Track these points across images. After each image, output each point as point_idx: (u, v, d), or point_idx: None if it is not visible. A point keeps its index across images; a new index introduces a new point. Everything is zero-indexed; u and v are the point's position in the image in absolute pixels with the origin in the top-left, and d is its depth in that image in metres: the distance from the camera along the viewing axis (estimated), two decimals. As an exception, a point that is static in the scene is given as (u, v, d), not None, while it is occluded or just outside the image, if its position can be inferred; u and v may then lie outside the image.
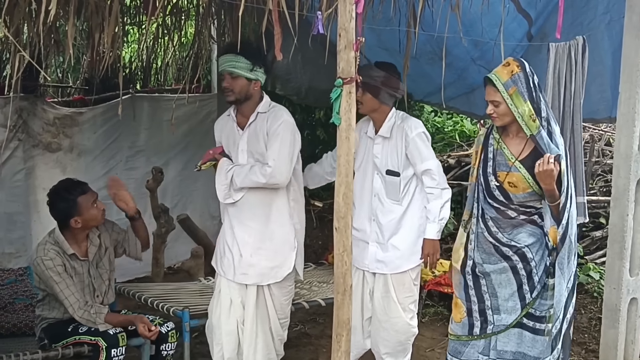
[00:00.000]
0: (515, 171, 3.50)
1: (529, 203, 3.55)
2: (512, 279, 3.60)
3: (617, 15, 4.28)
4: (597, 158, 7.42)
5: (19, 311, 4.60)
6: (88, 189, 3.97)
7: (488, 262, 3.64)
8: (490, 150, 3.61)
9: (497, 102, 3.47)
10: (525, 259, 3.57)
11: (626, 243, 3.90)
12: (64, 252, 3.86)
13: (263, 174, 3.76)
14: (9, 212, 5.95)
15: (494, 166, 3.58)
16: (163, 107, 6.53)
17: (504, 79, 3.43)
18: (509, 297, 3.61)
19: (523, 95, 3.40)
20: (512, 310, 3.62)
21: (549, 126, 3.45)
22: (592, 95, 4.59)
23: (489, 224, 3.62)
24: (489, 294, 3.66)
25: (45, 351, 3.77)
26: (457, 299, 3.78)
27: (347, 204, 3.09)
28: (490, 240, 3.63)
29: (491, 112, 3.51)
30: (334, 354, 3.15)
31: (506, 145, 3.56)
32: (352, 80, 3.01)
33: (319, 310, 5.33)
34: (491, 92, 3.49)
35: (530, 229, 3.57)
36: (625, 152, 3.86)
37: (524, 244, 3.56)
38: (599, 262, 5.99)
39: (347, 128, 3.05)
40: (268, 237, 3.90)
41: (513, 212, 3.57)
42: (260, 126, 3.86)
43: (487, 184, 3.61)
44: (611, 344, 3.96)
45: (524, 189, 3.51)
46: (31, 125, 5.95)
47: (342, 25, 2.96)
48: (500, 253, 3.61)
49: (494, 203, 3.59)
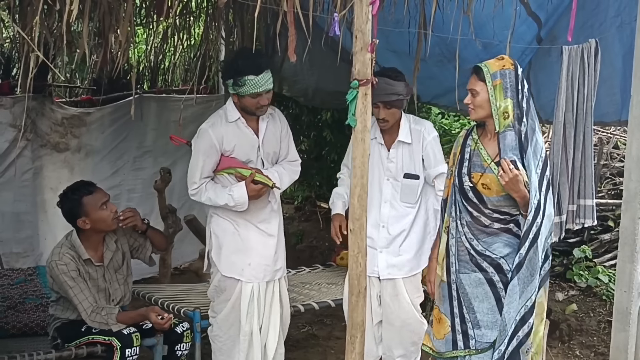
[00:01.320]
0: (489, 172, 3.37)
1: (503, 209, 3.38)
2: (489, 292, 3.40)
3: (628, 18, 4.27)
4: (606, 161, 7.42)
5: (29, 311, 4.60)
6: (95, 190, 3.92)
7: (463, 271, 3.45)
8: (468, 150, 3.49)
9: (476, 92, 3.36)
10: (501, 271, 3.38)
11: (637, 246, 3.86)
12: (79, 257, 3.84)
13: (295, 172, 4.09)
14: (17, 211, 5.97)
15: (469, 167, 3.46)
16: (170, 107, 6.54)
17: (493, 69, 3.32)
18: (487, 311, 3.41)
19: (506, 91, 3.29)
20: (492, 325, 3.39)
21: (526, 134, 3.31)
22: (602, 98, 4.57)
23: (465, 230, 3.45)
24: (465, 307, 3.46)
25: (58, 351, 3.76)
26: (442, 314, 3.55)
27: (362, 206, 3.09)
28: (466, 247, 3.45)
29: (468, 103, 3.40)
30: (347, 355, 3.16)
31: (484, 146, 3.44)
32: (368, 82, 3.02)
33: (326, 311, 5.34)
34: (473, 80, 3.39)
35: (506, 239, 3.39)
36: (637, 155, 3.84)
37: (500, 255, 3.38)
38: (607, 265, 5.99)
39: (363, 129, 3.06)
40: (280, 233, 4.05)
41: (487, 219, 3.39)
42: (274, 127, 3.98)
43: (461, 185, 3.47)
44: (622, 347, 3.94)
45: (497, 192, 3.35)
46: (39, 125, 5.97)
47: (359, 27, 2.97)
48: (475, 263, 3.42)
49: (468, 206, 3.44)
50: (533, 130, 3.36)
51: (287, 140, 4.04)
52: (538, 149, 3.36)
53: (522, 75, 3.38)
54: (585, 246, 6.25)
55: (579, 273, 6.01)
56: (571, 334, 5.29)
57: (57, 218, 6.00)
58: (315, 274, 5.62)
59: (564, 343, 5.23)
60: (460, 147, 3.55)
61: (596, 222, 4.18)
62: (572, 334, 5.29)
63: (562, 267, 6.27)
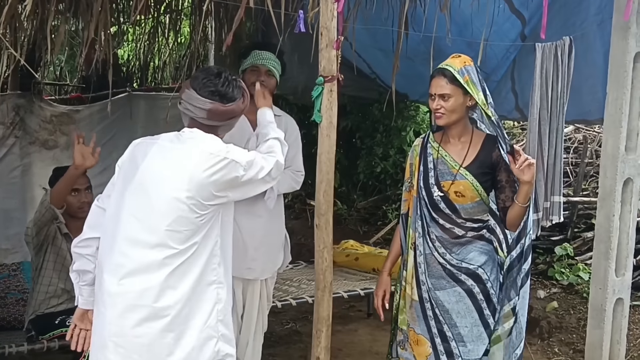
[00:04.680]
0: (461, 179, 3.16)
1: (476, 216, 3.21)
2: (471, 305, 3.20)
3: (608, 15, 4.27)
4: (590, 159, 7.43)
5: (9, 305, 4.65)
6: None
7: (438, 287, 3.22)
8: (430, 160, 3.26)
9: (448, 95, 3.11)
10: (480, 281, 3.19)
11: (612, 243, 3.90)
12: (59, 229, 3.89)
13: (297, 182, 4.00)
14: (6, 208, 6.02)
15: (435, 176, 3.22)
16: (159, 105, 6.56)
17: (458, 67, 3.12)
18: (471, 325, 3.20)
19: (476, 84, 3.11)
20: (477, 338, 3.21)
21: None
22: (584, 96, 4.59)
23: (436, 245, 3.22)
24: (446, 324, 3.22)
25: (31, 344, 3.80)
26: (418, 335, 3.29)
27: (328, 202, 3.13)
28: (439, 262, 3.22)
29: (438, 108, 3.13)
30: (314, 349, 3.21)
31: (447, 152, 3.22)
32: (333, 79, 3.06)
33: (310, 308, 5.34)
34: (441, 83, 3.13)
35: (480, 246, 3.21)
36: (612, 153, 3.87)
37: (477, 265, 3.20)
38: (589, 263, 6.00)
39: (328, 126, 3.11)
40: (273, 232, 3.93)
41: (460, 229, 3.20)
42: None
43: (429, 195, 3.22)
44: (597, 344, 3.96)
45: (472, 198, 3.16)
46: (28, 122, 6.01)
47: (324, 24, 3.01)
48: (451, 276, 3.20)
49: (439, 219, 3.21)
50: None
51: (293, 150, 3.93)
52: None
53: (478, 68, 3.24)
54: (567, 244, 6.27)
55: (560, 270, 6.03)
56: (551, 331, 5.31)
57: (46, 215, 6.09)
58: (297, 271, 5.66)
59: (544, 340, 5.24)
60: (418, 157, 3.33)
61: (562, 219, 4.17)
62: (552, 331, 5.31)
63: (545, 264, 6.29)
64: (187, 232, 2.65)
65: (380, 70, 6.10)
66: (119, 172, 2.84)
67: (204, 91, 2.71)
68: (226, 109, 2.74)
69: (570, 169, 7.50)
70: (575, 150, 7.87)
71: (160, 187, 2.67)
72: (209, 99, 2.71)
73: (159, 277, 2.63)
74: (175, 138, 2.77)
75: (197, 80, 2.75)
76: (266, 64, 3.79)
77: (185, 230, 2.65)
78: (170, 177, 2.67)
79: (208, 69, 2.89)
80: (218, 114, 2.73)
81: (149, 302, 2.63)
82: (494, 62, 5.34)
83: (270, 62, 3.81)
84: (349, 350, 5.12)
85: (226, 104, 2.73)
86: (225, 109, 2.73)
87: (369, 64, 6.08)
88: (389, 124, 7.45)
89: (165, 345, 2.65)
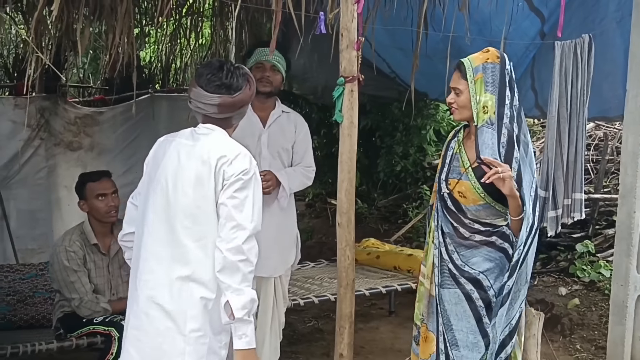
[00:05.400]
0: (465, 179, 3.08)
1: (484, 219, 3.09)
2: (468, 310, 3.08)
3: (628, 12, 4.28)
4: (611, 156, 7.40)
5: (37, 304, 4.72)
6: (102, 179, 4.00)
7: (444, 285, 3.16)
8: (449, 154, 3.20)
9: (459, 90, 3.06)
10: (481, 287, 3.07)
11: (633, 240, 3.90)
12: (88, 243, 3.95)
13: (309, 178, 3.99)
14: (32, 209, 6.15)
15: (447, 172, 3.17)
16: (181, 106, 6.62)
17: (476, 64, 3.05)
18: (467, 330, 3.09)
19: (487, 85, 3.01)
20: (473, 346, 3.08)
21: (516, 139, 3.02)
22: (605, 93, 4.59)
23: (447, 241, 3.15)
24: (444, 325, 3.15)
25: (60, 341, 3.88)
26: (429, 332, 3.22)
27: (350, 200, 3.18)
28: (445, 259, 3.15)
29: (451, 102, 3.11)
30: (337, 346, 3.25)
31: (465, 149, 3.14)
32: (354, 79, 3.10)
33: (332, 306, 5.39)
34: (456, 78, 3.09)
35: (486, 253, 3.07)
36: (632, 150, 3.88)
37: (479, 270, 3.07)
38: (610, 260, 5.98)
39: (350, 125, 3.15)
40: (285, 230, 3.97)
41: (467, 230, 3.09)
42: (286, 124, 3.98)
43: (440, 190, 3.18)
44: (618, 340, 3.97)
45: (474, 201, 3.06)
46: (53, 124, 6.14)
47: (344, 25, 3.06)
48: (453, 276, 3.12)
49: (448, 215, 3.15)
50: (527, 144, 3.08)
51: (303, 145, 4.01)
52: (533, 164, 3.10)
53: (512, 73, 3.13)
54: (588, 241, 6.26)
55: (581, 268, 6.02)
56: (573, 328, 5.31)
57: (71, 215, 6.18)
58: (319, 269, 5.71)
59: (565, 337, 5.24)
60: (444, 150, 3.29)
61: (583, 216, 4.15)
62: (574, 328, 5.30)
63: (566, 262, 6.28)
64: (199, 229, 2.69)
65: (399, 69, 6.12)
66: (145, 169, 2.91)
67: (210, 87, 2.74)
68: (235, 100, 2.76)
69: (591, 166, 7.48)
70: (596, 147, 7.84)
71: (175, 183, 2.72)
72: (216, 93, 2.74)
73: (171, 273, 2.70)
74: (191, 135, 2.81)
75: (202, 77, 2.78)
76: (270, 60, 3.83)
77: (197, 227, 2.69)
78: (184, 173, 2.72)
79: (210, 64, 2.90)
80: (228, 106, 2.76)
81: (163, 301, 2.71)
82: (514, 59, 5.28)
83: (275, 57, 3.84)
84: (371, 347, 5.15)
85: (234, 95, 2.76)
86: (233, 100, 2.76)
87: (389, 63, 6.10)
88: (408, 122, 7.46)
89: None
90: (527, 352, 3.91)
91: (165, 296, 2.68)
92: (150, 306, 2.71)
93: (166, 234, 2.72)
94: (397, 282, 5.24)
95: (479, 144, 3.02)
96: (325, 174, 7.59)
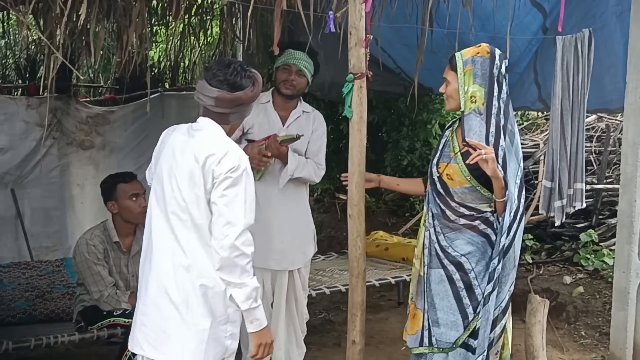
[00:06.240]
0: (453, 163, 3.27)
1: (470, 203, 3.26)
2: (449, 290, 3.27)
3: (628, 6, 4.36)
4: (613, 147, 7.49)
5: (56, 299, 4.84)
6: (133, 181, 4.10)
7: (430, 265, 3.35)
8: (443, 141, 3.42)
9: (448, 81, 3.29)
10: (462, 269, 3.25)
11: (634, 228, 3.98)
12: (109, 240, 4.07)
13: (317, 175, 4.02)
14: (46, 207, 6.25)
15: (439, 157, 3.38)
16: (191, 104, 6.62)
17: (466, 57, 3.24)
18: (447, 309, 3.27)
19: (476, 77, 3.19)
20: (452, 325, 3.27)
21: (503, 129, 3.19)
22: (606, 86, 4.66)
23: (435, 223, 3.34)
24: (428, 303, 3.34)
25: (81, 333, 4.00)
26: (417, 309, 3.42)
27: (360, 192, 3.29)
28: (433, 239, 3.34)
29: (443, 91, 3.34)
30: (349, 333, 3.36)
31: (456, 136, 3.34)
32: (363, 75, 3.21)
33: (342, 298, 5.50)
34: (447, 69, 3.31)
35: (469, 237, 3.25)
36: (632, 140, 3.96)
37: (461, 253, 3.25)
38: (613, 249, 6.08)
39: (359, 120, 3.25)
40: (300, 224, 4.04)
41: (452, 213, 3.28)
42: (305, 124, 4.04)
43: (431, 174, 3.39)
44: (621, 326, 4.06)
45: (460, 183, 3.25)
46: (65, 124, 6.24)
47: (353, 24, 3.16)
48: (437, 257, 3.31)
49: (437, 198, 3.34)
50: (513, 134, 3.25)
51: (318, 143, 4.06)
52: (519, 154, 3.29)
53: (502, 68, 3.26)
54: (592, 230, 6.36)
55: (585, 257, 6.12)
56: (577, 315, 5.41)
57: (84, 213, 6.32)
58: (330, 261, 5.82)
59: (570, 324, 5.35)
60: (440, 139, 3.52)
61: (584, 205, 4.24)
62: (578, 316, 5.41)
63: (571, 251, 6.39)
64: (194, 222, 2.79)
65: (404, 64, 6.20)
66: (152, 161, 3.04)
67: (214, 81, 2.85)
68: (232, 97, 2.85)
69: (593, 157, 7.57)
70: (599, 138, 7.92)
71: (170, 177, 2.82)
72: (217, 87, 2.84)
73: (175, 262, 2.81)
74: (187, 131, 2.91)
75: (210, 72, 2.90)
76: (298, 64, 3.89)
77: (192, 221, 2.79)
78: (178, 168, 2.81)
79: (221, 61, 3.03)
80: (225, 102, 2.85)
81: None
82: (517, 54, 5.42)
83: (302, 62, 3.90)
84: (381, 337, 5.26)
85: (233, 92, 2.85)
86: (231, 97, 2.85)
87: (394, 58, 6.18)
88: (414, 117, 7.56)
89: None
90: (533, 338, 4.04)
91: (171, 284, 2.80)
92: (158, 294, 2.83)
93: (167, 225, 2.83)
94: (405, 273, 5.34)
95: (464, 129, 3.21)
96: (333, 169, 7.67)
